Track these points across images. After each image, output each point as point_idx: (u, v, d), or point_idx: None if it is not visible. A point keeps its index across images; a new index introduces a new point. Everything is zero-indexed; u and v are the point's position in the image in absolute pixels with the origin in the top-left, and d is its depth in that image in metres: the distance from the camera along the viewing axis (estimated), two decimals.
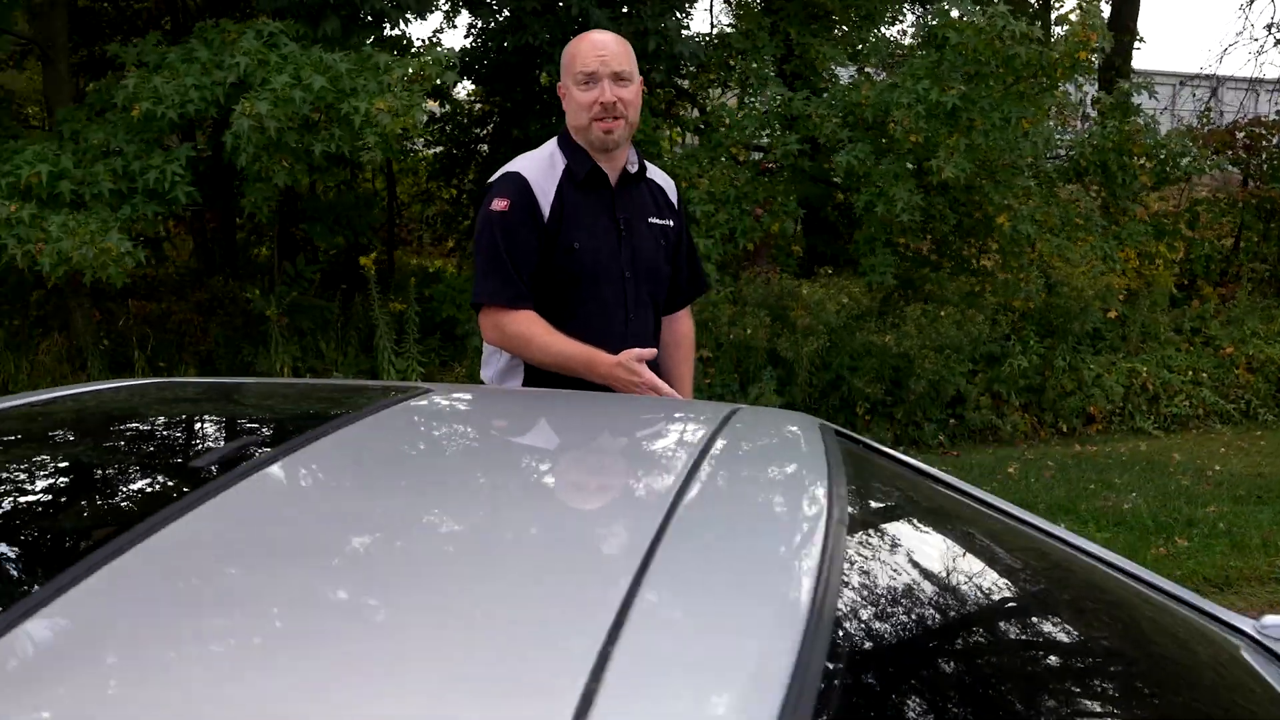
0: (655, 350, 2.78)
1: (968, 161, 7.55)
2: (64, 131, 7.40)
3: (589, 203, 2.83)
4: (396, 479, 1.31)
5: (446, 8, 10.18)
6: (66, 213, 6.59)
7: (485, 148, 10.79)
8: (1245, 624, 1.76)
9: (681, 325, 3.15)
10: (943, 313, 7.91)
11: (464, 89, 11.14)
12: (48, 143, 7.12)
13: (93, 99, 7.56)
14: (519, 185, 2.77)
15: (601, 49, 2.76)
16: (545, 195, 2.78)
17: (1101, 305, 8.12)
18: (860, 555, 1.20)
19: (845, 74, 9.68)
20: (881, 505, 1.64)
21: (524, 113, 9.82)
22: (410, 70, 7.12)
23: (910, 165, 7.97)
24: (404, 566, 1.02)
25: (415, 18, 8.49)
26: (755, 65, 8.95)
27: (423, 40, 10.83)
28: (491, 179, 2.87)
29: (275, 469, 1.23)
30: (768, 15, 9.70)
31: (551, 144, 2.89)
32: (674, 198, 3.06)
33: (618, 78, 2.75)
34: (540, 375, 2.78)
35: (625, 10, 8.71)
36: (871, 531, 1.38)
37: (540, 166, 2.82)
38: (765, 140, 8.92)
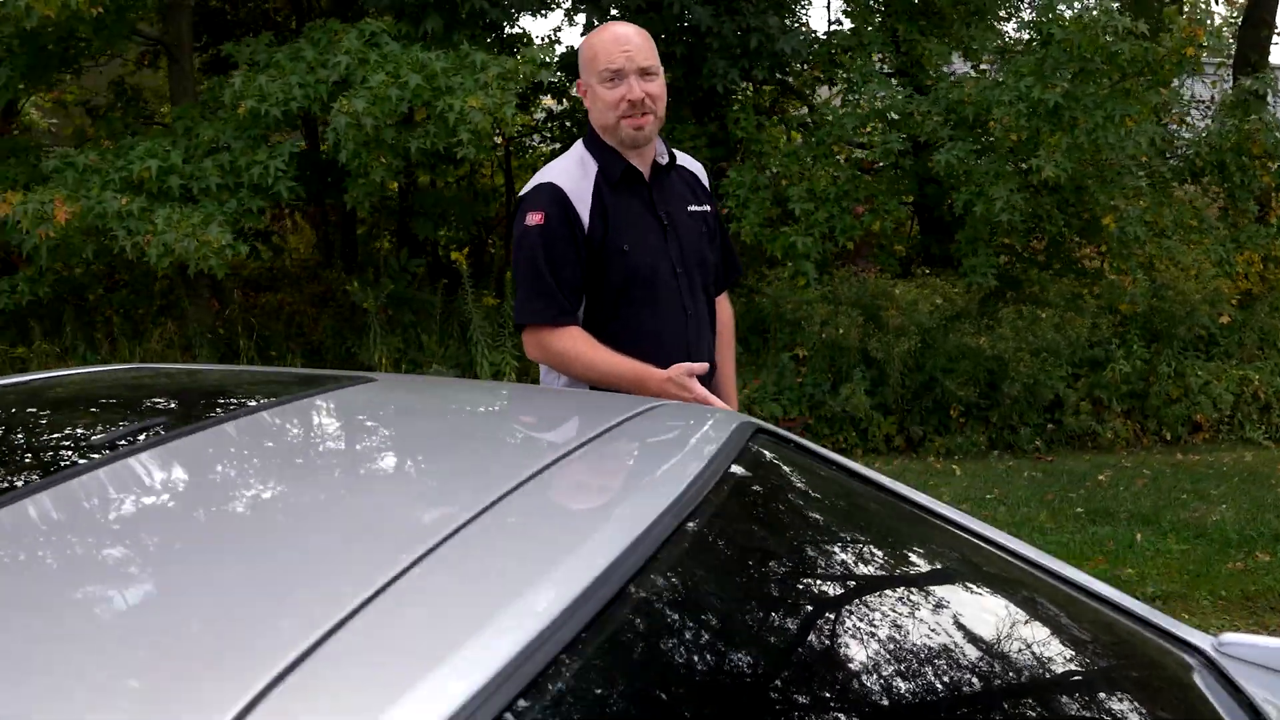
0: (707, 365, 2.66)
1: (1069, 160, 7.33)
2: (178, 128, 7.72)
3: (629, 202, 2.73)
4: (236, 466, 1.35)
5: (568, 5, 10.29)
6: (172, 206, 6.86)
7: None
8: (1205, 642, 1.68)
9: (724, 312, 3.06)
10: (1042, 315, 7.70)
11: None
12: (160, 139, 7.42)
13: (205, 97, 7.86)
14: (553, 196, 2.65)
15: (625, 43, 2.64)
16: (583, 202, 2.67)
17: (1211, 310, 7.80)
18: (687, 556, 1.18)
19: (961, 69, 9.48)
20: (758, 509, 1.60)
21: None
22: (506, 68, 7.21)
23: (1010, 165, 7.77)
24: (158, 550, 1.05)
25: (519, 14, 8.60)
26: (859, 62, 8.82)
27: (543, 38, 11.02)
28: (522, 192, 2.76)
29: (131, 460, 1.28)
30: (878, 13, 9.57)
31: (578, 147, 2.79)
32: (705, 182, 2.98)
33: (644, 73, 2.64)
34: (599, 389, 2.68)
35: (727, 7, 8.67)
36: (720, 533, 1.35)
37: (572, 173, 2.72)
38: (866, 138, 8.80)
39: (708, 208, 2.92)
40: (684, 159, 2.95)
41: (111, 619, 0.90)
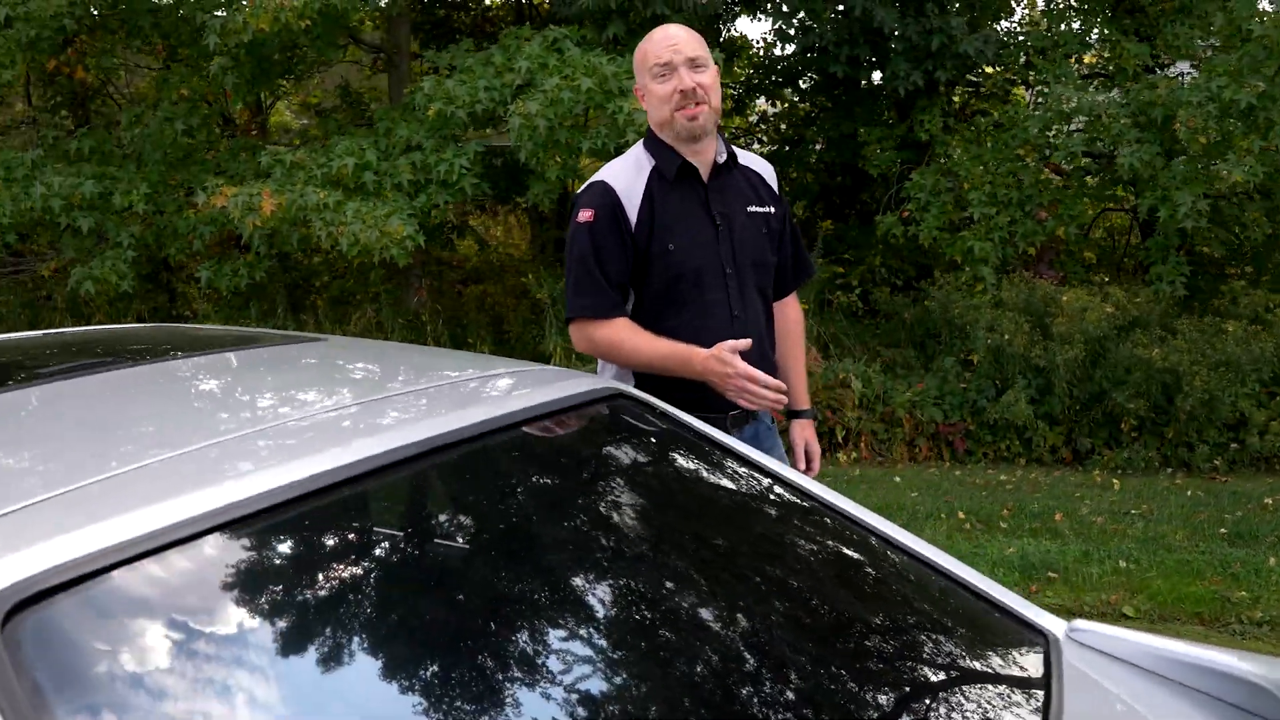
0: (750, 341, 2.61)
1: (1260, 165, 6.96)
2: (380, 129, 8.33)
3: (681, 200, 2.74)
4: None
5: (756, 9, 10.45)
6: (362, 200, 7.43)
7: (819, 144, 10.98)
8: (1058, 628, 1.73)
9: (790, 312, 3.06)
10: (1229, 328, 7.33)
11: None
12: (359, 139, 8.03)
13: (405, 99, 8.44)
14: (603, 193, 2.71)
15: (672, 39, 2.70)
16: (632, 200, 2.72)
17: None
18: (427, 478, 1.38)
19: (1184, 70, 9.07)
20: (544, 456, 1.75)
21: (846, 110, 9.99)
22: None
23: (1200, 169, 7.43)
24: None
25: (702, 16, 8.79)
26: (1055, 64, 8.60)
27: (757, 40, 11.21)
28: (580, 189, 2.82)
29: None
30: (1080, 13, 9.29)
31: (638, 147, 2.82)
32: (773, 183, 2.95)
33: (693, 64, 2.67)
34: (649, 377, 2.71)
35: (912, 9, 8.62)
36: (466, 469, 1.53)
37: (627, 171, 2.76)
38: (1054, 141, 8.56)
39: (771, 209, 2.89)
40: (749, 159, 2.94)
41: None
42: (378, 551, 1.33)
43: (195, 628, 1.07)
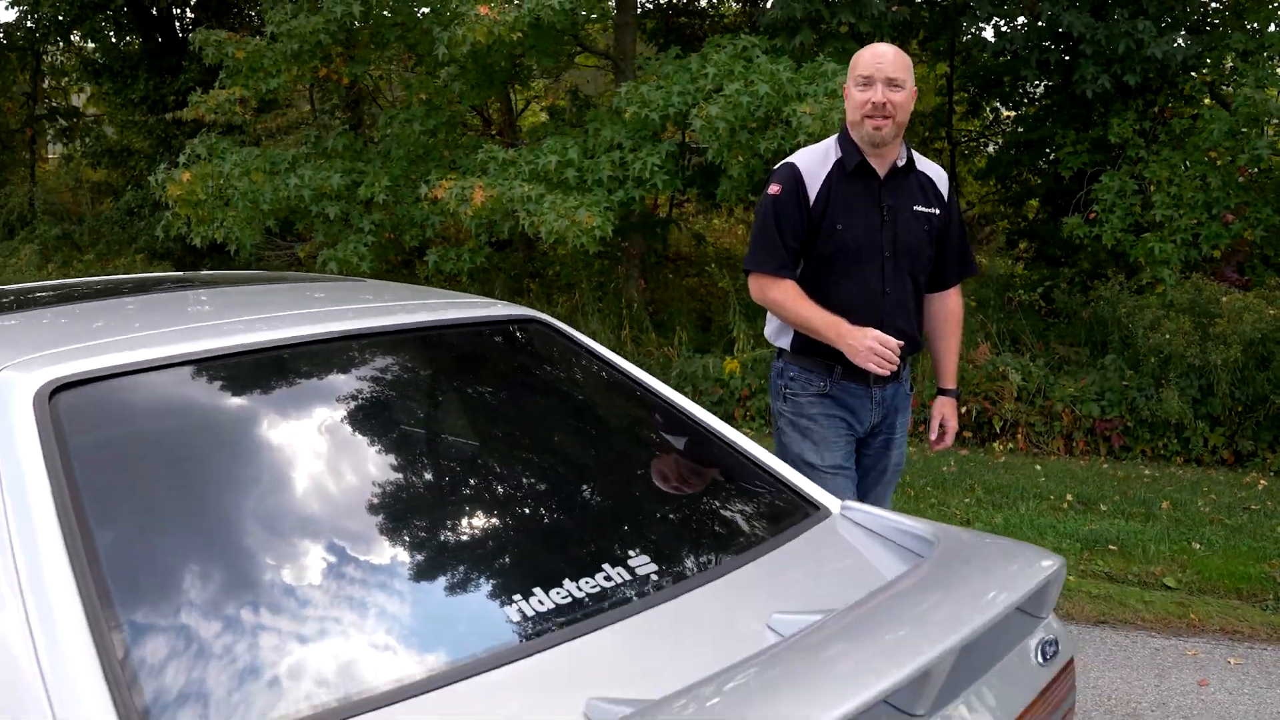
0: (897, 343, 3.08)
1: None
2: (590, 128, 9.18)
3: (856, 191, 3.19)
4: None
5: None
6: (560, 193, 8.28)
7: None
8: (835, 506, 2.30)
9: (950, 302, 3.47)
10: None
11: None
12: (564, 137, 8.90)
13: (611, 103, 9.25)
14: (791, 173, 3.19)
15: (880, 58, 3.12)
16: (814, 183, 3.18)
17: None
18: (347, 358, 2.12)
19: None
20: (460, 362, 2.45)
21: (1044, 113, 10.18)
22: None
23: None
24: None
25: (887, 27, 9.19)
26: (1252, 67, 8.54)
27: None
28: (775, 167, 3.30)
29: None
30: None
31: (831, 139, 3.28)
32: (943, 189, 3.34)
33: (891, 83, 3.08)
34: (803, 339, 3.23)
35: (1099, 13, 8.75)
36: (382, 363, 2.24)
37: (814, 159, 3.23)
38: (1242, 145, 8.50)
39: (937, 210, 3.30)
40: (926, 165, 3.35)
41: None
42: (299, 388, 2.09)
43: (165, 416, 1.85)
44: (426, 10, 9.34)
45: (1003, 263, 11.24)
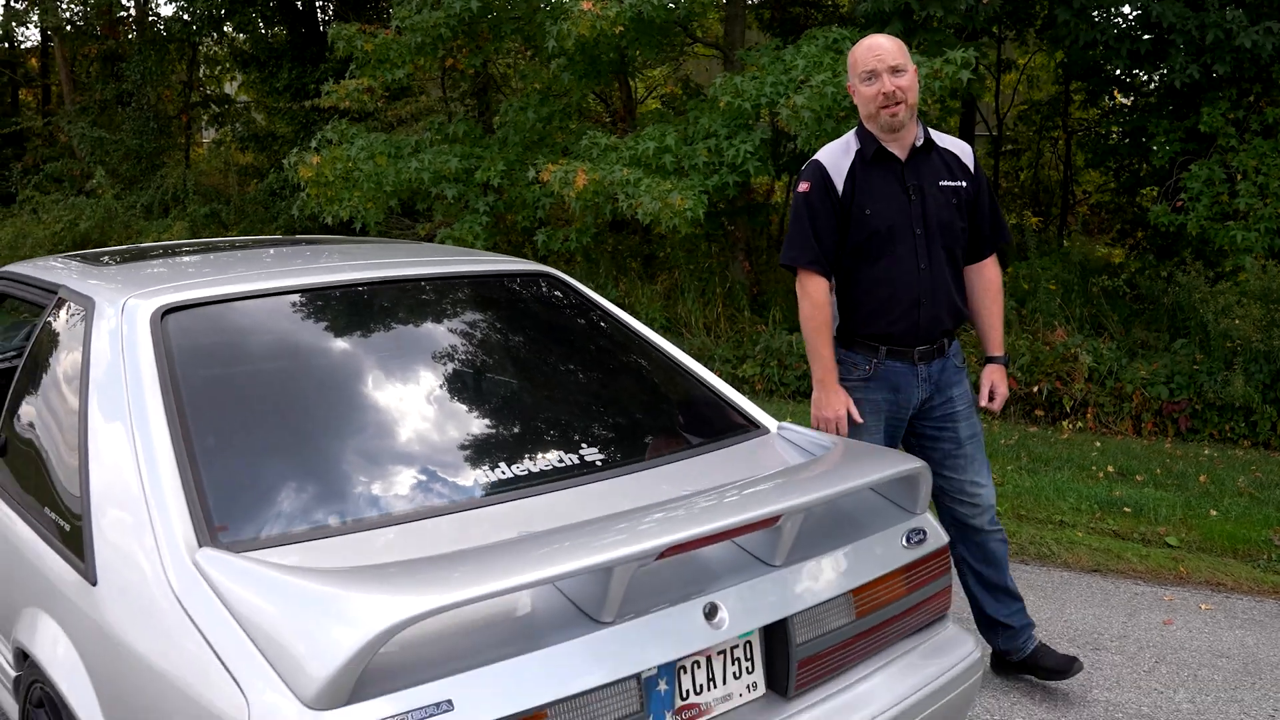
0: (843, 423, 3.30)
1: None
2: (690, 117, 9.72)
3: (881, 176, 3.36)
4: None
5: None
6: (656, 178, 8.84)
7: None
8: (773, 425, 2.83)
9: (987, 272, 3.59)
10: None
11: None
12: (663, 125, 9.46)
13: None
14: (817, 170, 3.38)
15: (877, 50, 3.31)
16: (839, 174, 3.35)
17: None
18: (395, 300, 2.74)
19: None
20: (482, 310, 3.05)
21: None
22: (933, 67, 8.30)
23: None
24: None
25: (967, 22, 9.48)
26: None
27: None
28: (802, 167, 3.53)
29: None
30: None
31: (850, 133, 3.46)
32: (968, 161, 3.48)
33: (894, 70, 3.26)
34: (860, 312, 3.41)
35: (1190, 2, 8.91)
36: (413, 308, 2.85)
37: (836, 153, 3.41)
38: None
39: (963, 183, 3.44)
40: (949, 142, 3.50)
41: None
42: (353, 321, 2.72)
43: (240, 329, 2.50)
44: (542, 5, 10.00)
45: (1088, 246, 11.40)
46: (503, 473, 2.34)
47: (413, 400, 2.52)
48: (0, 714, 2.77)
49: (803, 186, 3.41)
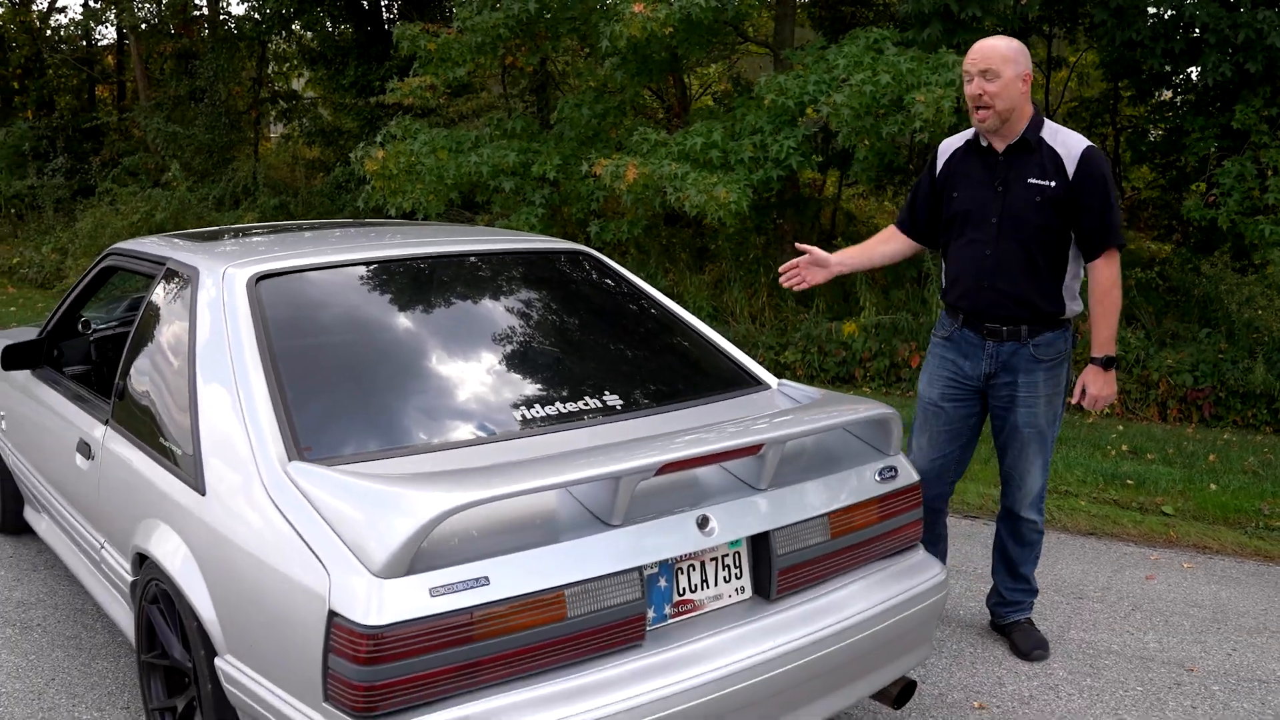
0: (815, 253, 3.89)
1: None
2: (738, 113, 10.13)
3: (973, 166, 3.66)
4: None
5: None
6: (703, 172, 9.27)
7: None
8: (773, 382, 3.26)
9: (1096, 274, 3.59)
10: None
11: None
12: (711, 121, 9.88)
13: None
14: (934, 153, 3.82)
15: (975, 54, 3.51)
16: (943, 159, 3.75)
17: None
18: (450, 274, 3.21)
19: None
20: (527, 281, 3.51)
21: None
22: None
23: None
24: None
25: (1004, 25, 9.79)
26: None
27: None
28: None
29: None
30: None
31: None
32: (1069, 165, 3.50)
33: (985, 74, 3.44)
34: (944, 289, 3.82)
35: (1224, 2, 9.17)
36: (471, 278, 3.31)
37: (956, 139, 3.78)
38: None
39: (1052, 183, 3.51)
40: (1060, 141, 3.55)
41: None
42: (415, 287, 3.19)
43: (324, 294, 2.97)
44: (597, 5, 10.46)
45: (1136, 242, 11.66)
46: (537, 412, 2.80)
47: (464, 352, 3.00)
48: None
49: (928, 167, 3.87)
